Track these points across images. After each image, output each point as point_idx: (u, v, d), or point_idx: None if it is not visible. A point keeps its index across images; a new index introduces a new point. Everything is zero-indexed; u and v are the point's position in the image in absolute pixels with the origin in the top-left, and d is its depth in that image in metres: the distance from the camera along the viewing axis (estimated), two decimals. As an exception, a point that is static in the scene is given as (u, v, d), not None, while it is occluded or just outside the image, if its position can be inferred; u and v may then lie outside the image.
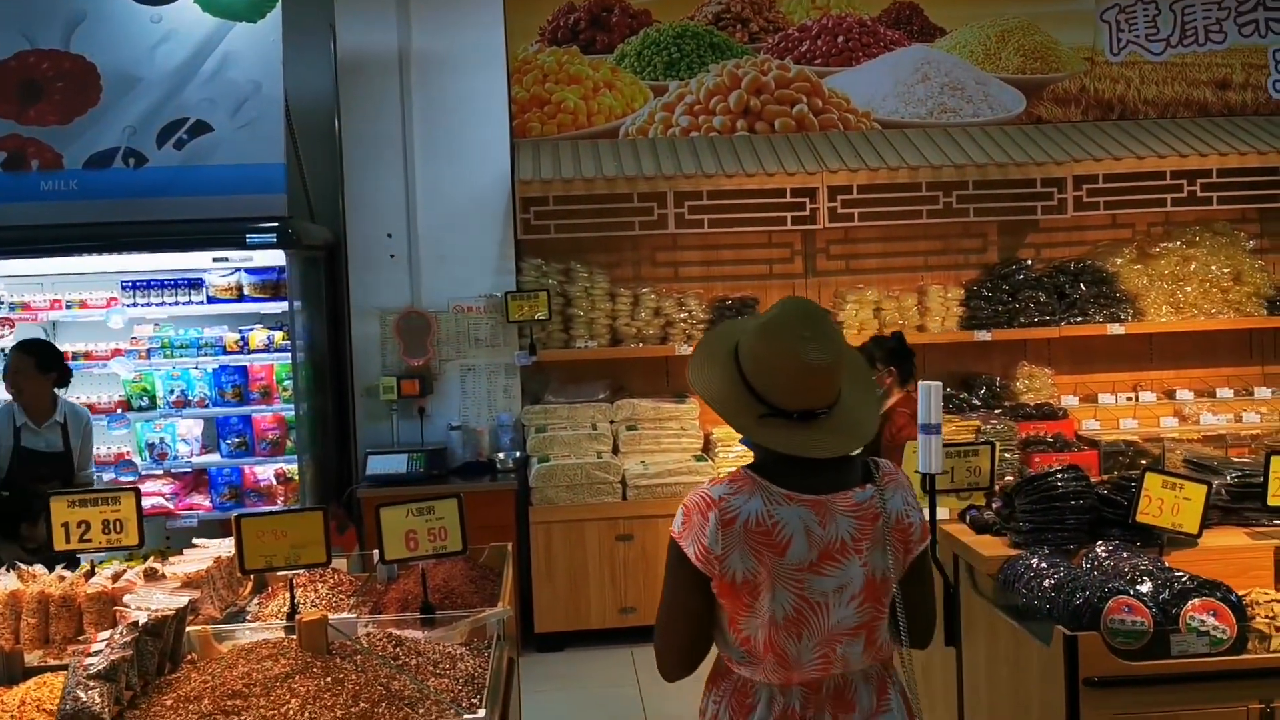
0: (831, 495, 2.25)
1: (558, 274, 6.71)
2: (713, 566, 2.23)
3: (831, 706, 2.27)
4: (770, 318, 2.30)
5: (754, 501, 2.24)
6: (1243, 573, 3.54)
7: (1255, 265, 6.87)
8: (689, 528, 2.28)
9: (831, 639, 2.24)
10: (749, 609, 2.23)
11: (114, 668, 2.69)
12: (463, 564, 3.88)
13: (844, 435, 2.27)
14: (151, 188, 5.92)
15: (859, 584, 2.25)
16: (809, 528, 2.22)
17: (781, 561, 2.21)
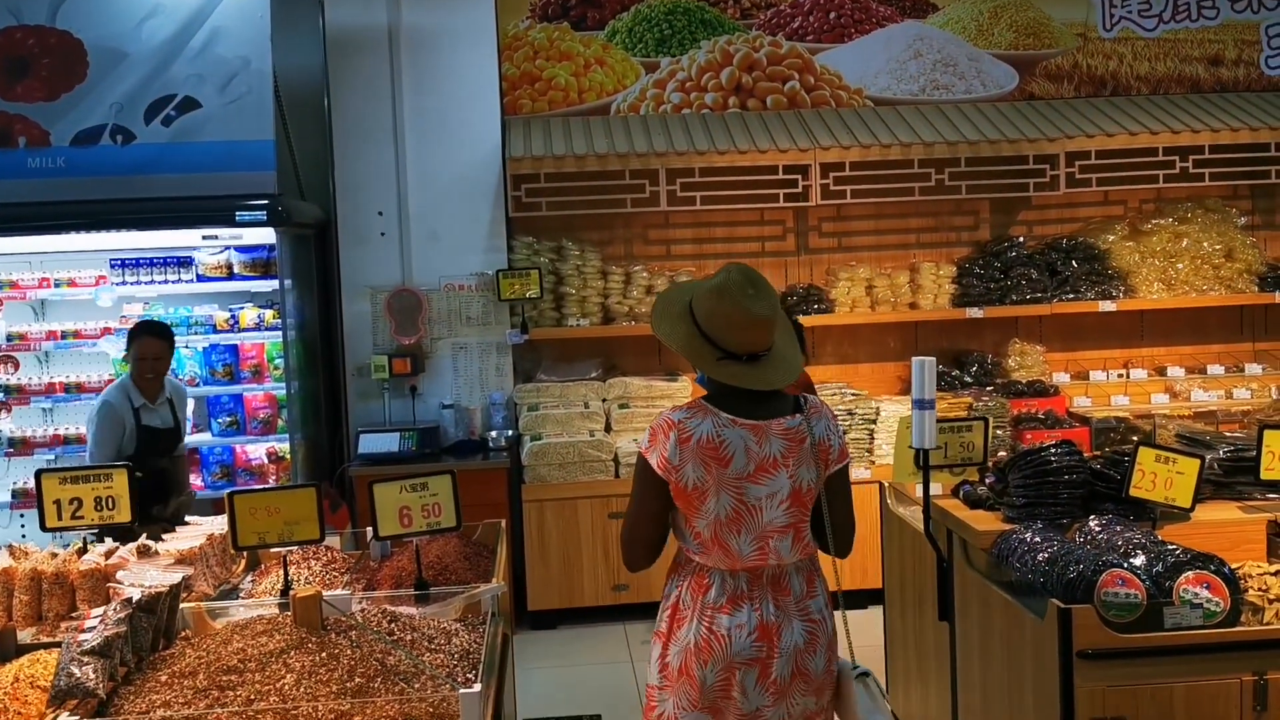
0: (767, 421, 2.82)
1: (549, 252, 6.68)
2: (670, 474, 2.79)
3: (772, 590, 2.83)
4: (721, 281, 2.81)
5: (705, 424, 2.79)
6: (1235, 546, 3.56)
7: (1247, 242, 6.88)
8: (654, 444, 2.82)
9: (765, 535, 2.80)
10: (698, 510, 2.80)
11: (108, 644, 2.68)
12: (456, 541, 3.88)
13: (780, 371, 2.85)
14: (140, 165, 5.87)
15: (786, 492, 2.81)
16: (748, 446, 2.78)
17: (725, 472, 2.78)
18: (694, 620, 2.82)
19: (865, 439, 6.42)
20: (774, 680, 2.79)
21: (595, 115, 6.88)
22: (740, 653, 2.78)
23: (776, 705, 2.81)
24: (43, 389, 6.29)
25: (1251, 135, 6.62)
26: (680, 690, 2.82)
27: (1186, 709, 3.03)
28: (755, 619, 2.79)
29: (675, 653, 2.84)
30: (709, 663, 2.79)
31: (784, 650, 2.80)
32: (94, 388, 6.27)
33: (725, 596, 2.81)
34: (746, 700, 2.79)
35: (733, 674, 2.78)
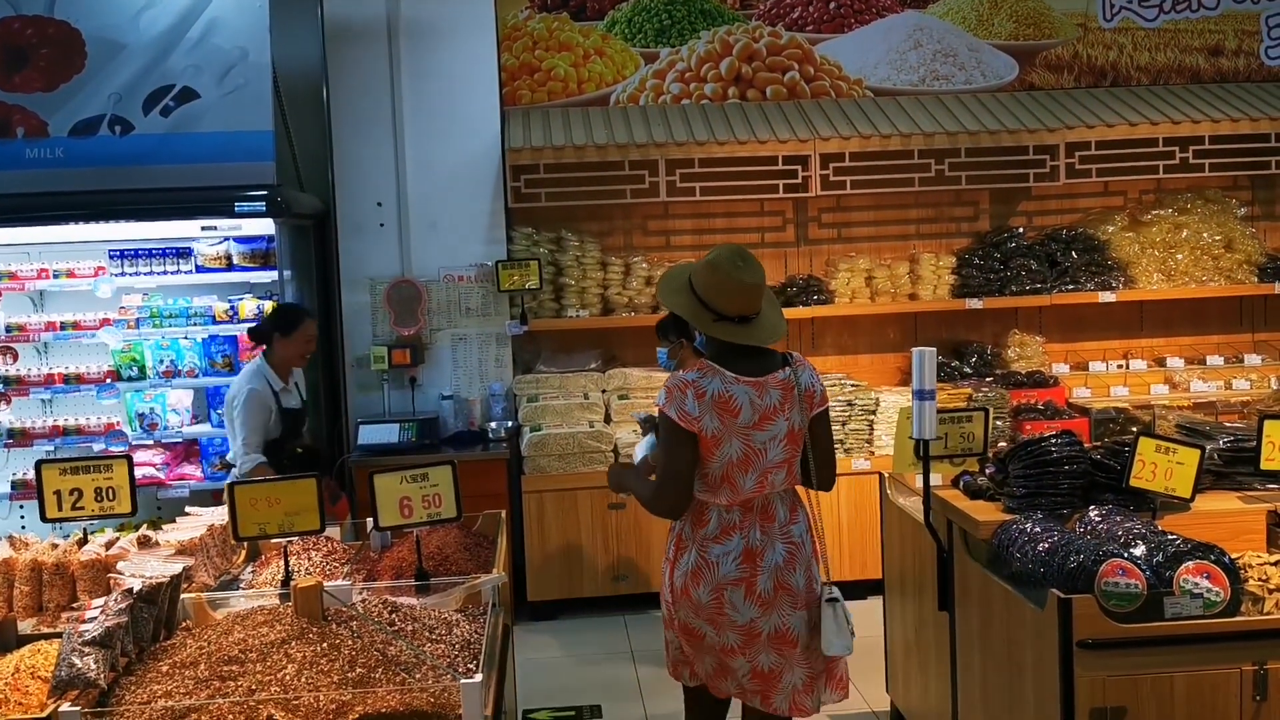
0: (764, 377, 3.30)
1: (549, 243, 6.68)
2: (692, 424, 3.24)
3: (759, 518, 3.32)
4: (714, 256, 3.33)
5: (715, 381, 3.26)
6: (1235, 536, 3.56)
7: (1247, 233, 6.87)
8: (672, 400, 3.27)
9: (766, 471, 3.29)
10: (715, 454, 3.26)
11: (109, 634, 2.68)
12: (457, 532, 3.89)
13: (766, 330, 3.35)
14: (138, 155, 5.87)
15: (784, 433, 3.30)
16: (752, 400, 3.27)
17: (735, 422, 3.25)
18: (692, 549, 3.34)
19: (865, 430, 6.42)
20: (759, 594, 3.28)
21: (595, 106, 6.86)
22: (726, 576, 3.29)
23: (766, 615, 3.29)
24: (42, 380, 6.28)
25: (1251, 126, 6.61)
26: (684, 605, 3.35)
27: (1187, 699, 3.04)
28: (741, 545, 3.29)
29: (679, 575, 3.35)
30: (701, 584, 3.30)
31: (765, 568, 3.29)
32: (93, 379, 6.26)
33: (720, 528, 3.31)
34: (738, 613, 3.29)
35: (721, 593, 3.28)
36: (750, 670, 3.34)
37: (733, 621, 3.28)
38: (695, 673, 3.49)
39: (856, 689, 5.21)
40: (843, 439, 6.42)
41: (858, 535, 6.34)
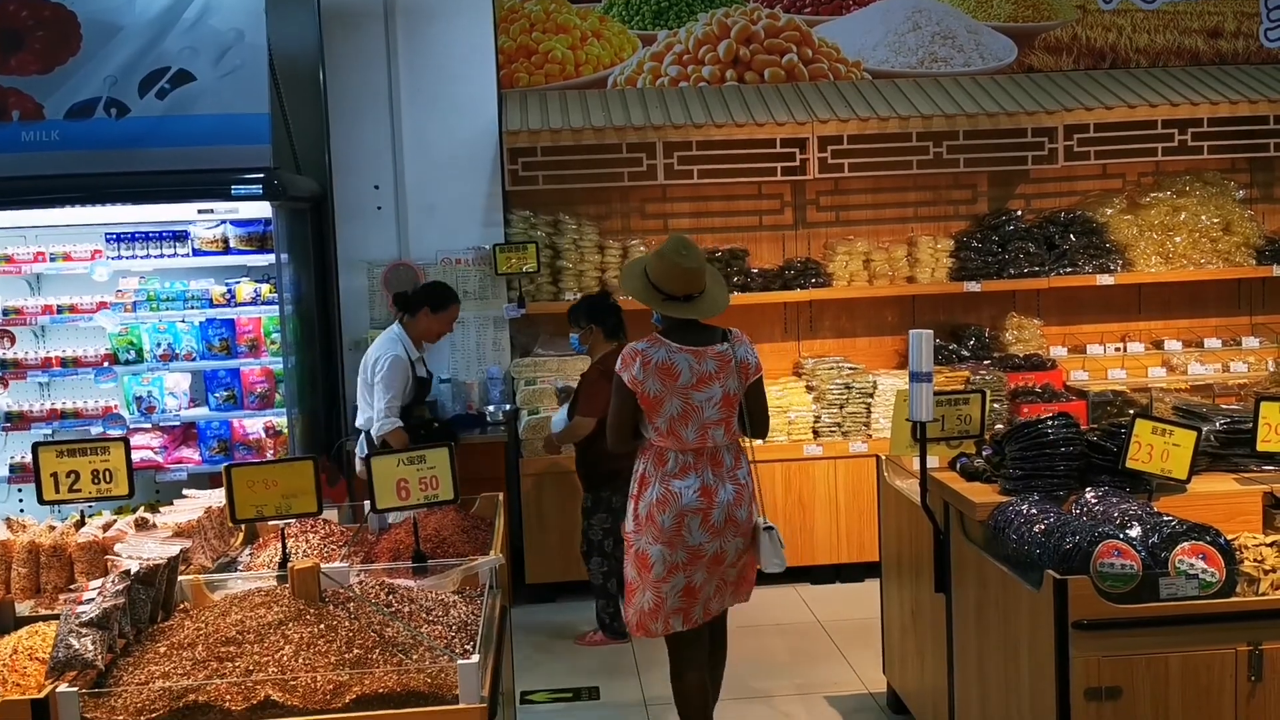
0: (704, 348, 3.98)
1: (546, 226, 6.67)
2: (637, 387, 3.94)
3: (710, 463, 3.98)
4: (663, 247, 4.04)
5: (660, 351, 3.95)
6: (1231, 518, 3.57)
7: (1245, 215, 6.87)
8: (625, 366, 3.96)
9: (705, 426, 3.95)
10: (658, 411, 3.94)
11: (106, 616, 2.69)
12: (454, 514, 3.89)
13: (708, 306, 4.04)
14: (134, 138, 5.84)
15: (719, 396, 3.96)
16: (690, 365, 3.94)
17: (675, 384, 3.93)
18: (655, 484, 3.97)
19: (862, 413, 6.43)
20: (712, 525, 3.95)
21: (592, 88, 6.84)
22: (688, 505, 3.93)
23: (714, 541, 3.96)
24: (39, 363, 6.28)
25: (1250, 108, 6.60)
26: (647, 531, 3.97)
27: (1181, 679, 3.05)
28: (699, 482, 3.95)
29: (644, 506, 3.98)
30: (666, 511, 3.94)
31: (719, 504, 3.96)
32: (90, 362, 6.26)
33: (678, 467, 3.97)
34: (692, 537, 3.94)
35: (682, 519, 3.93)
36: (682, 588, 3.98)
37: (685, 543, 3.94)
38: (626, 614, 4.13)
39: (853, 670, 5.24)
40: (840, 422, 6.42)
41: (855, 518, 6.35)
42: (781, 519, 6.35)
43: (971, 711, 3.79)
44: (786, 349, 7.03)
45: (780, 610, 6.10)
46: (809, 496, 6.37)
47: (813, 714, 4.81)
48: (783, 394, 6.46)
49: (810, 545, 6.39)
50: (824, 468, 6.37)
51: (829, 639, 5.66)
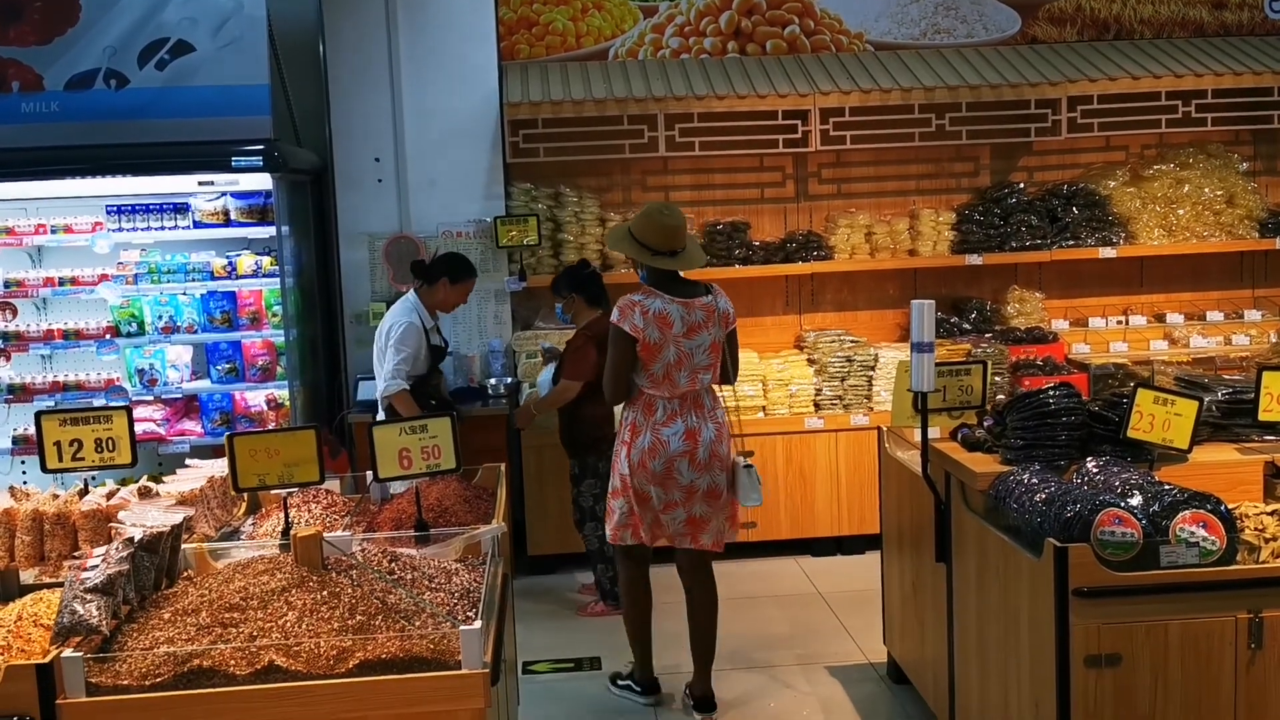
0: (692, 299, 4.34)
1: (547, 198, 6.65)
2: (639, 334, 4.26)
3: (693, 406, 4.37)
4: (646, 208, 4.45)
5: (657, 302, 4.31)
6: (1232, 487, 3.57)
7: (1248, 187, 6.84)
8: (625, 316, 4.29)
9: (695, 371, 4.34)
10: (657, 357, 4.28)
11: (111, 582, 2.70)
12: (456, 484, 3.90)
13: (689, 260, 4.42)
14: (134, 109, 5.83)
15: (708, 343, 4.35)
16: (682, 316, 4.30)
17: (671, 332, 4.28)
18: (646, 432, 4.34)
19: (863, 385, 6.43)
20: (699, 462, 4.35)
21: (593, 60, 6.81)
22: (676, 450, 4.33)
23: (701, 476, 4.36)
24: (41, 336, 6.28)
25: (1255, 79, 6.56)
26: (641, 474, 4.35)
27: (1181, 646, 3.06)
28: (684, 427, 4.34)
29: (636, 452, 4.35)
30: (657, 457, 4.33)
31: (702, 442, 4.35)
32: (92, 334, 6.26)
33: (666, 416, 4.34)
34: (683, 477, 4.35)
35: (672, 463, 4.33)
36: (686, 518, 4.42)
37: (679, 483, 4.35)
38: (637, 533, 4.46)
39: (854, 641, 5.26)
40: (841, 395, 6.43)
41: (855, 490, 6.37)
42: (782, 492, 6.37)
43: (971, 680, 3.81)
44: (788, 322, 7.02)
45: (781, 582, 6.12)
46: (810, 469, 6.38)
47: (814, 684, 4.84)
48: (784, 367, 6.46)
49: (811, 518, 6.41)
50: (825, 440, 6.38)
51: (830, 610, 5.68)
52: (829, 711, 4.57)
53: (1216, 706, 3.09)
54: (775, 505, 6.38)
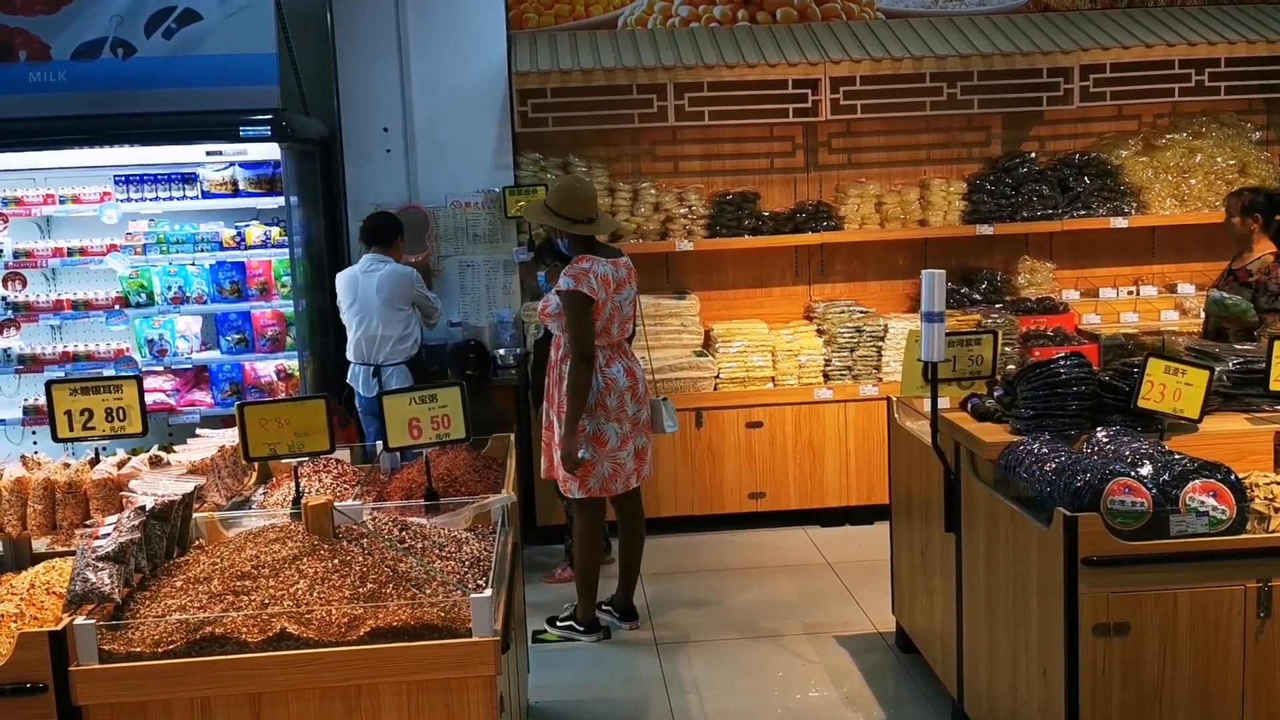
0: (616, 259, 4.90)
1: (556, 168, 6.62)
2: (595, 295, 4.70)
3: (622, 351, 4.94)
4: (560, 184, 5.01)
5: (599, 265, 4.78)
6: (1242, 457, 3.56)
7: (1261, 157, 6.79)
8: (581, 283, 4.70)
9: (624, 321, 4.92)
10: (600, 314, 4.76)
11: (122, 550, 2.71)
12: (466, 454, 3.91)
13: (606, 225, 5.05)
14: (141, 79, 5.82)
15: (631, 296, 4.96)
16: (613, 274, 4.82)
17: (609, 289, 4.78)
18: (595, 376, 4.79)
19: (873, 356, 6.42)
20: (639, 395, 4.94)
21: (602, 29, 6.77)
22: (624, 386, 4.87)
23: (641, 409, 4.95)
24: (50, 306, 6.29)
25: (1268, 48, 6.49)
26: (597, 415, 4.82)
27: (1190, 615, 3.06)
28: (624, 366, 4.91)
29: (591, 396, 4.78)
30: (611, 394, 4.84)
31: (638, 378, 4.95)
32: (102, 305, 6.27)
33: (606, 360, 4.85)
34: (629, 409, 4.90)
35: (623, 397, 4.87)
36: (634, 452, 4.92)
37: (630, 415, 4.90)
38: (586, 485, 4.85)
39: (863, 610, 5.28)
40: (850, 365, 6.42)
41: (865, 461, 6.37)
42: (791, 462, 6.38)
43: (980, 649, 3.82)
44: (797, 293, 7.01)
45: (789, 552, 6.14)
46: (819, 440, 6.38)
47: (822, 653, 4.86)
48: (793, 337, 6.45)
49: (820, 488, 6.42)
50: (834, 411, 6.38)
51: (838, 580, 5.70)
52: (837, 680, 4.59)
53: (1225, 675, 3.09)
54: (784, 476, 6.40)
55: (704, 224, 6.60)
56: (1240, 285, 5.24)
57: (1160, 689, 3.09)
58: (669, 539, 6.32)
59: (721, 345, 6.43)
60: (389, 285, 5.85)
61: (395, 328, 5.90)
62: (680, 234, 6.58)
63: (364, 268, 5.92)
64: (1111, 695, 3.09)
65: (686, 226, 6.59)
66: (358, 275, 5.92)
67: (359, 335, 5.92)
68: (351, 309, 5.92)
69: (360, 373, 5.98)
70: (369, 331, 5.88)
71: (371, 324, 5.86)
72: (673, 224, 6.59)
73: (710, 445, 6.36)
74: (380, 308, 5.85)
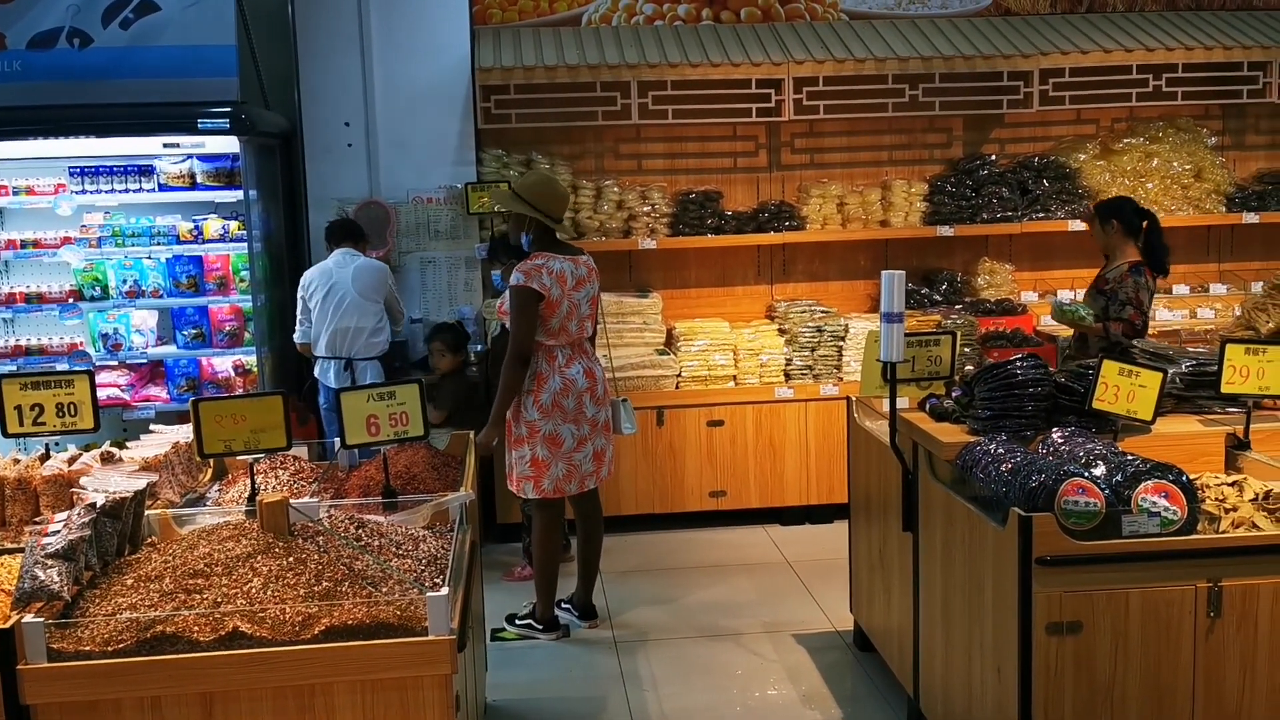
0: (576, 257, 4.86)
1: (519, 165, 6.60)
2: (547, 291, 4.67)
3: (583, 351, 4.89)
4: (542, 179, 4.99)
5: (555, 262, 4.74)
6: (1194, 459, 3.61)
7: (1216, 162, 6.88)
8: (531, 278, 4.66)
9: (583, 320, 4.86)
10: (556, 310, 4.72)
11: (72, 548, 2.67)
12: (425, 451, 3.88)
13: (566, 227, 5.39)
14: (98, 69, 5.74)
15: (590, 295, 4.88)
16: (572, 272, 4.78)
17: (566, 288, 4.74)
18: (554, 376, 4.78)
19: (834, 356, 6.45)
20: (598, 396, 4.90)
21: (566, 26, 6.75)
22: (583, 387, 4.83)
23: (600, 410, 4.91)
24: (3, 299, 6.20)
25: (1225, 54, 6.58)
26: (554, 415, 4.77)
27: (1141, 614, 3.10)
28: (583, 366, 4.86)
29: (547, 395, 4.76)
30: (568, 395, 4.79)
31: (597, 379, 4.91)
32: (55, 298, 6.18)
33: (565, 359, 4.80)
34: (587, 411, 4.85)
35: (581, 398, 4.82)
36: (593, 453, 4.90)
37: (588, 417, 4.86)
38: (540, 486, 4.81)
39: (821, 609, 5.30)
40: (811, 365, 6.45)
41: (825, 460, 6.40)
42: (752, 461, 6.40)
43: (936, 648, 3.85)
44: (759, 292, 7.03)
45: (750, 550, 6.16)
46: (780, 439, 6.41)
47: (781, 651, 4.87)
48: (755, 337, 6.46)
49: (780, 487, 6.44)
50: (795, 410, 6.40)
51: (798, 579, 5.72)
52: (795, 679, 4.61)
53: (1175, 674, 3.13)
54: (745, 474, 6.41)
55: (667, 222, 6.61)
56: (1099, 293, 5.26)
57: (1112, 687, 3.13)
58: (630, 537, 6.32)
59: (684, 344, 6.44)
60: (365, 277, 5.90)
61: (369, 320, 5.93)
62: (643, 232, 6.58)
63: (338, 261, 5.94)
64: (1064, 693, 3.12)
65: (649, 225, 6.59)
66: (331, 268, 5.89)
67: (332, 328, 5.87)
68: (325, 301, 5.87)
69: (331, 367, 5.92)
70: (343, 323, 5.85)
71: (346, 315, 5.85)
72: (636, 222, 6.59)
73: (671, 444, 6.37)
74: (356, 299, 5.88)
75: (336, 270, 5.88)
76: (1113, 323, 5.10)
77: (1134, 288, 5.14)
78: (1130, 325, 5.05)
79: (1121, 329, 5.02)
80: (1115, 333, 4.99)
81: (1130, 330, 5.04)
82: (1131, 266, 5.21)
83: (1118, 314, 5.07)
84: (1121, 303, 5.11)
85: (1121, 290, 5.15)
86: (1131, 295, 5.12)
